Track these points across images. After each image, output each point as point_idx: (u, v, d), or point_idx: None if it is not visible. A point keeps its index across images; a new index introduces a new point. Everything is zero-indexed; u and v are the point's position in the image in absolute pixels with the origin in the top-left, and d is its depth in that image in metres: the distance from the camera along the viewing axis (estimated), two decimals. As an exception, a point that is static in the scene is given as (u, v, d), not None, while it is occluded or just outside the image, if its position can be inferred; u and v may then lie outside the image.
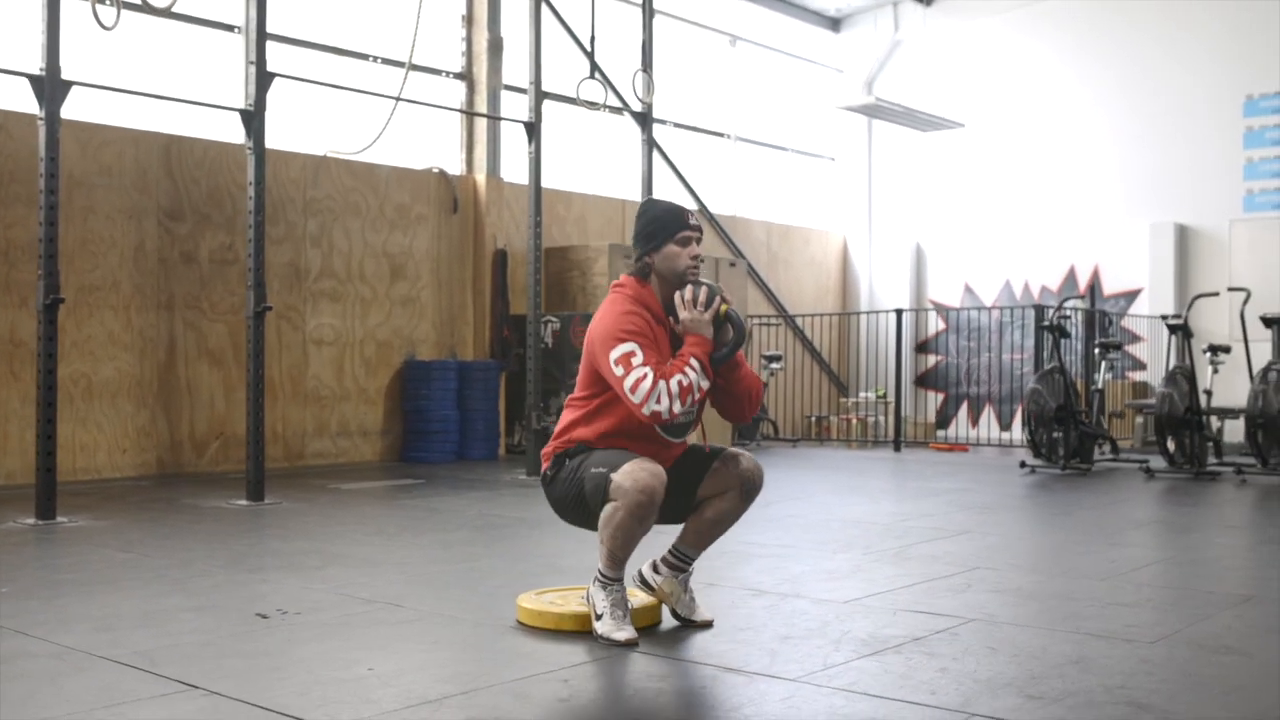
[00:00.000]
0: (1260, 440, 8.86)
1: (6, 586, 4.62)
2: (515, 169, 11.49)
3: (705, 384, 3.77)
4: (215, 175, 9.38)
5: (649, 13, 9.69)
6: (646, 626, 3.94)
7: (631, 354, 3.70)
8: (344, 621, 4.02)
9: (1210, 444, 9.53)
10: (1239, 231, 12.93)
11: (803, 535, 6.23)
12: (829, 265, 15.59)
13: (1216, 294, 9.95)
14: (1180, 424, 9.22)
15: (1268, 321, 9.16)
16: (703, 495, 3.98)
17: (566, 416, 3.96)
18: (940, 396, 14.93)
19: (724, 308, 3.84)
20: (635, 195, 13.05)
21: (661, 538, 4.06)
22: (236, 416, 9.43)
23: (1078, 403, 9.79)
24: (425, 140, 10.98)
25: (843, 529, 6.46)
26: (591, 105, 9.19)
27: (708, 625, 3.99)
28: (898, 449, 12.62)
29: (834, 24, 15.61)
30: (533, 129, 9.07)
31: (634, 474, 3.64)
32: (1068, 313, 10.15)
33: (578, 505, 3.83)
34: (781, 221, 14.96)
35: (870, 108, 12.74)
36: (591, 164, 12.56)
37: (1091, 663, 3.57)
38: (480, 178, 11.15)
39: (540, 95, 9.08)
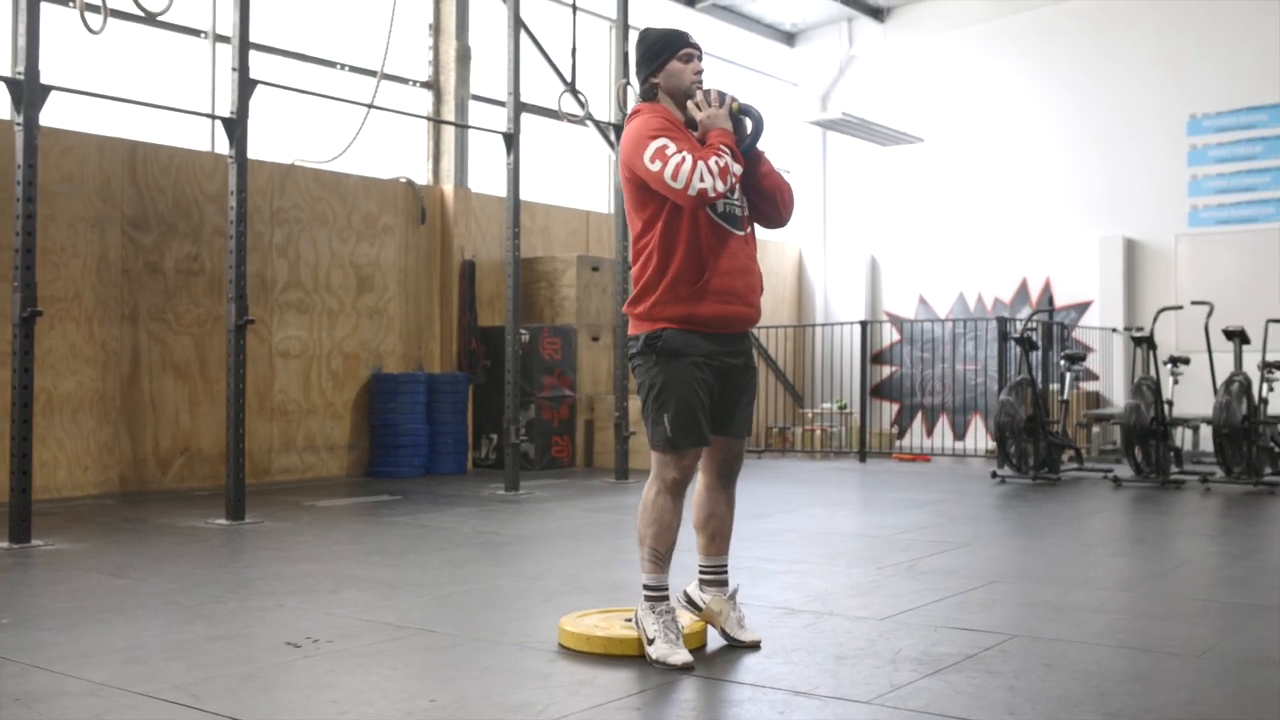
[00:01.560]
0: (1226, 450, 9.01)
1: (6, 618, 4.42)
2: (482, 179, 11.38)
3: (738, 168, 3.77)
4: (182, 184, 9.15)
5: (624, 25, 9.64)
6: (694, 649, 3.87)
7: (664, 146, 3.69)
8: (382, 650, 3.90)
9: (1172, 453, 9.67)
10: (1184, 246, 13.19)
11: (809, 550, 6.20)
12: (785, 277, 15.65)
13: (1180, 307, 10.13)
14: (1147, 434, 9.35)
15: (1229, 334, 9.33)
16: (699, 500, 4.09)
17: (640, 272, 3.87)
18: (895, 407, 15.04)
19: (736, 104, 3.89)
20: (601, 207, 13.02)
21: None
22: (202, 432, 9.21)
23: (1047, 414, 9.90)
24: (392, 150, 10.82)
25: (846, 543, 6.45)
26: (573, 118, 9.11)
27: (756, 646, 3.94)
28: (863, 460, 12.68)
29: (789, 39, 15.68)
30: (511, 140, 8.96)
31: (679, 466, 3.80)
32: (1035, 325, 10.23)
33: (646, 417, 3.86)
34: (738, 233, 14.95)
35: (835, 122, 12.81)
36: (555, 175, 12.48)
37: (1152, 679, 3.57)
38: (448, 188, 11.01)
39: (519, 106, 8.98)
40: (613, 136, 10.14)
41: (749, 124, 3.92)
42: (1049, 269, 13.97)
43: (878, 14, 14.98)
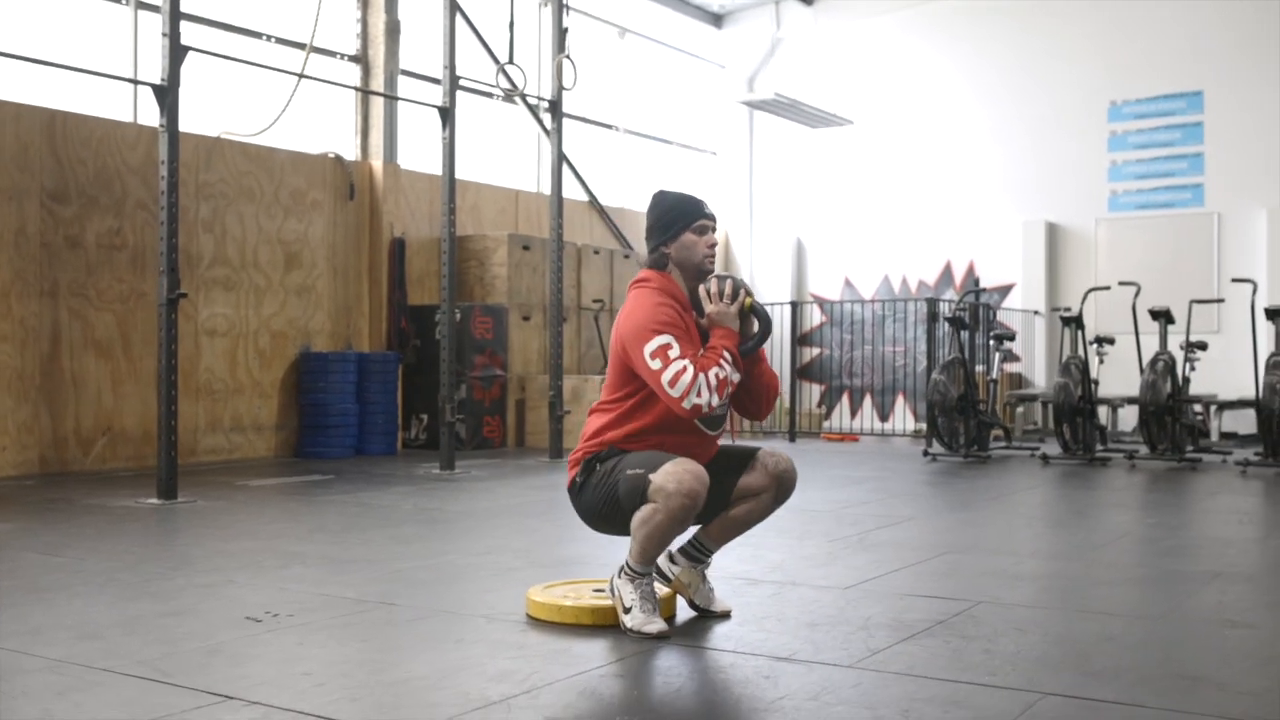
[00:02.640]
0: (1152, 427, 9.21)
1: (-57, 594, 4.25)
2: (411, 156, 11.21)
3: (737, 377, 3.68)
4: (103, 155, 8.86)
5: (560, 1, 9.54)
6: (664, 619, 3.83)
7: (668, 346, 3.59)
8: (347, 623, 3.81)
9: (1097, 431, 9.87)
10: (1104, 230, 13.46)
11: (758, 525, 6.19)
12: (710, 258, 15.64)
13: (1108, 288, 10.32)
14: (1075, 412, 9.52)
15: (1155, 314, 9.53)
16: (736, 494, 3.88)
17: (595, 422, 3.81)
18: (821, 388, 15.15)
19: (748, 301, 3.77)
20: (528, 185, 12.91)
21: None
22: (125, 411, 8.95)
23: (976, 393, 10.04)
24: (319, 125, 10.60)
25: (793, 518, 6.43)
26: (510, 93, 9.00)
27: (726, 615, 3.92)
28: (793, 439, 12.75)
29: (716, 20, 15.67)
30: (446, 114, 8.82)
31: (677, 476, 3.52)
32: (964, 305, 10.36)
33: (610, 509, 3.68)
34: (666, 214, 14.93)
35: (767, 103, 12.83)
36: (484, 153, 12.33)
37: (1123, 640, 3.62)
38: (377, 164, 10.82)
39: (454, 80, 8.84)
40: (545, 119, 10.04)
41: (755, 323, 3.78)
42: (973, 252, 14.17)
43: (804, -3, 15.05)
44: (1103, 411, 10.59)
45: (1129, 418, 12.26)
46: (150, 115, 9.10)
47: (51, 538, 5.66)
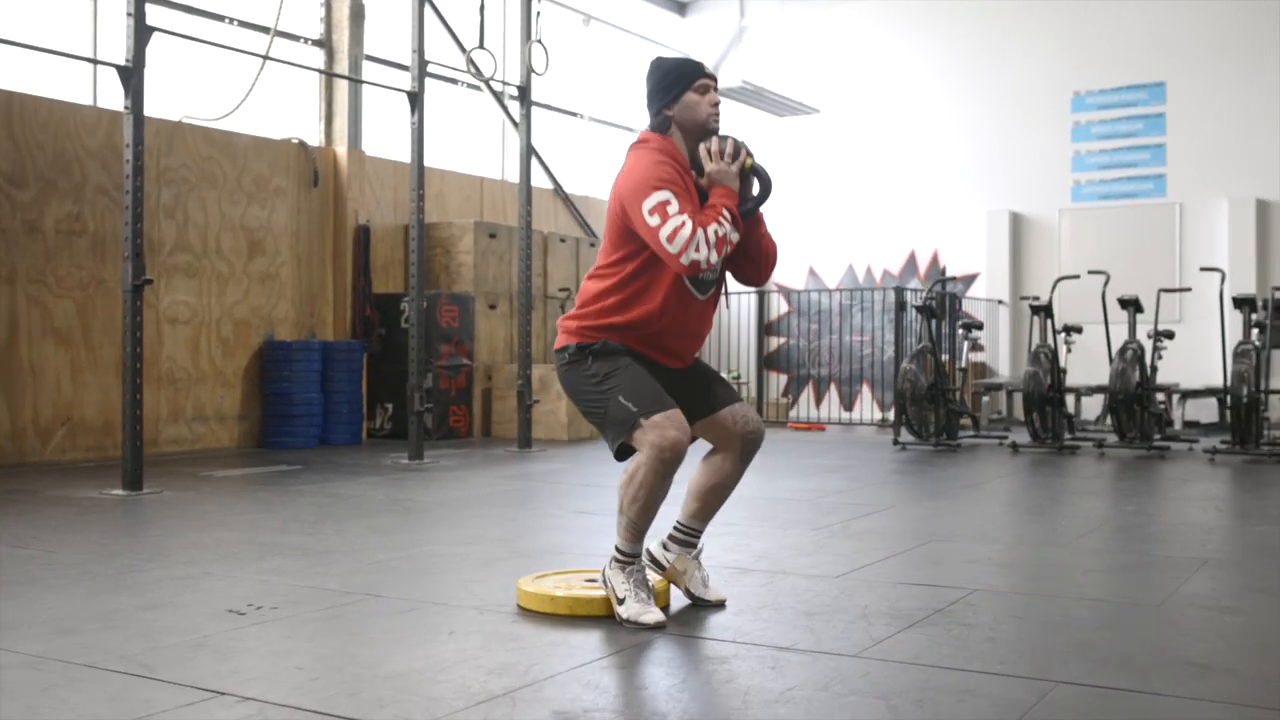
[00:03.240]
0: (1121, 415, 9.25)
1: (-92, 588, 4.10)
2: (376, 142, 11.05)
3: (736, 237, 3.62)
4: (62, 139, 8.65)
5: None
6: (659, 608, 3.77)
7: (667, 202, 3.52)
8: (334, 615, 3.71)
9: (1065, 419, 9.90)
10: (1067, 220, 13.52)
11: (738, 513, 6.11)
12: (674, 248, 15.58)
13: (1078, 276, 10.34)
14: (1045, 401, 9.55)
15: (1124, 303, 9.57)
16: (700, 433, 3.81)
17: (592, 288, 3.73)
18: (785, 378, 15.13)
19: (749, 161, 3.71)
20: (493, 173, 12.77)
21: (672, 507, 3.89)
22: (86, 400, 8.75)
23: (946, 381, 10.05)
24: (282, 110, 10.41)
25: (772, 506, 6.40)
26: (479, 78, 8.87)
27: (721, 605, 3.85)
28: (759, 429, 12.71)
29: (681, 8, 15.59)
30: (415, 99, 8.69)
31: (663, 429, 3.49)
32: (935, 295, 10.35)
33: (595, 417, 3.66)
34: (631, 203, 14.85)
35: (735, 91, 12.76)
36: (448, 140, 12.18)
37: (1123, 628, 3.60)
38: (341, 150, 10.65)
39: (423, 64, 8.71)
40: (512, 106, 9.92)
41: (755, 184, 3.73)
42: (937, 241, 14.18)
43: (769, -15, 14.99)
44: (1069, 400, 10.62)
45: (1093, 406, 12.33)
46: (111, 98, 8.90)
47: (18, 529, 5.50)
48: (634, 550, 3.66)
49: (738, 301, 14.50)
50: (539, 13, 9.29)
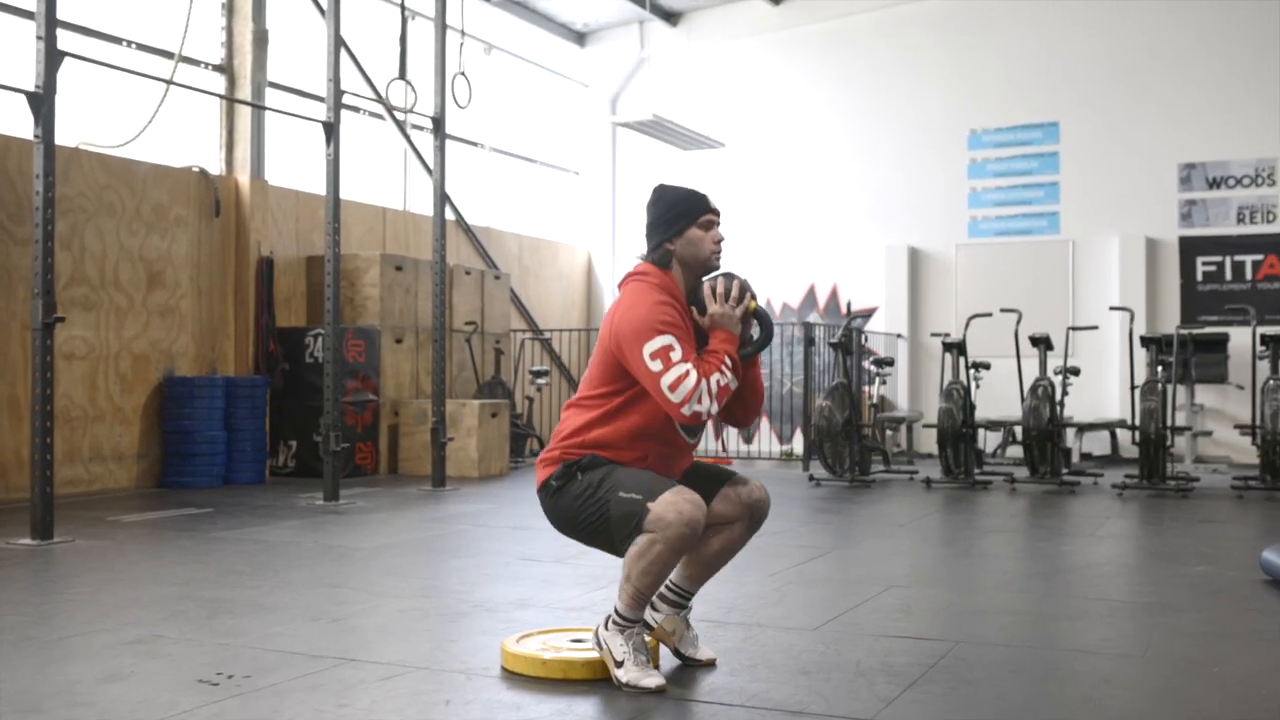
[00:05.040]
0: (1034, 450, 9.44)
1: None
2: (276, 172, 10.73)
3: (735, 385, 3.54)
4: (-48, 166, 8.19)
5: (443, 21, 9.27)
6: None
7: (670, 348, 3.42)
8: (314, 685, 3.51)
9: (975, 454, 10.07)
10: (964, 255, 13.82)
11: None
12: (574, 280, 15.51)
13: (990, 314, 10.54)
14: (958, 437, 9.70)
15: (1035, 340, 9.79)
16: (710, 519, 3.72)
17: (574, 419, 3.61)
18: (686, 410, 15.09)
19: (752, 304, 3.64)
20: (395, 203, 12.53)
21: (669, 573, 3.78)
22: (-24, 441, 8.27)
23: (860, 417, 10.14)
24: (181, 138, 10.03)
25: (717, 550, 6.32)
26: (392, 110, 8.68)
27: (712, 664, 3.77)
28: (667, 464, 12.65)
29: (580, 39, 15.55)
30: (331, 129, 8.46)
31: (677, 505, 3.36)
32: (849, 331, 10.45)
33: (597, 528, 3.49)
34: (532, 234, 14.75)
35: (644, 124, 12.72)
36: (348, 170, 11.88)
37: (1123, 682, 3.61)
38: (244, 179, 10.31)
39: (339, 93, 8.49)
40: (419, 138, 9.73)
41: (755, 326, 3.66)
42: (836, 275, 14.35)
43: (670, 17, 15.04)
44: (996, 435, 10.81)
45: (993, 440, 12.58)
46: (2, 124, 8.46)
47: (-76, 588, 5.13)
48: (635, 617, 3.55)
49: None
50: (462, 44, 9.13)
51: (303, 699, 3.35)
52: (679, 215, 3.65)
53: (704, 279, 3.65)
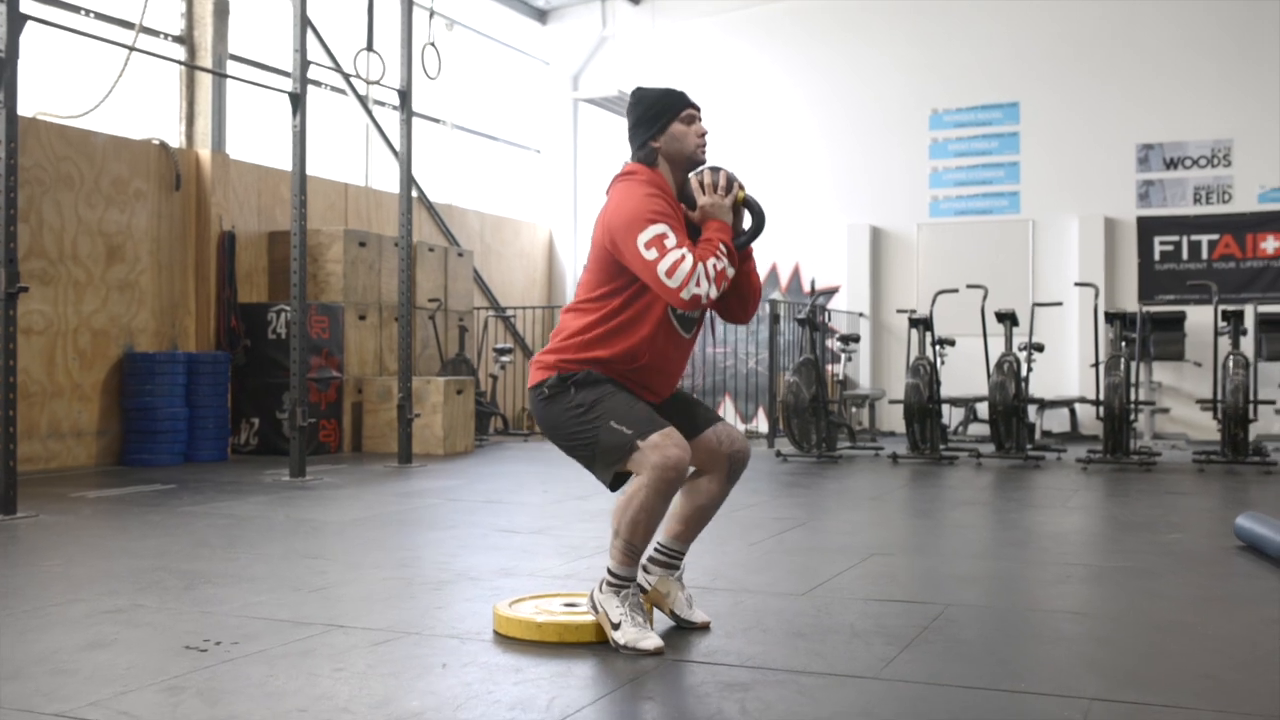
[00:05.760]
0: (1000, 426, 9.51)
1: None
2: (238, 145, 10.58)
3: (732, 271, 3.51)
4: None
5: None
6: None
7: (664, 236, 3.40)
8: (306, 650, 3.46)
9: (940, 430, 10.12)
10: (925, 234, 13.88)
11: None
12: (535, 258, 15.42)
13: (957, 290, 10.58)
14: (925, 413, 9.74)
15: (1001, 317, 9.85)
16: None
17: (573, 322, 3.59)
18: (648, 390, 15.08)
19: (742, 194, 3.61)
20: (359, 179, 12.39)
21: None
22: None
23: (827, 394, 10.16)
24: (141, 110, 9.85)
25: (694, 522, 6.30)
26: (367, 81, 8.57)
27: (706, 627, 3.75)
28: (632, 442, 12.63)
29: (542, 15, 15.43)
30: (298, 100, 8.33)
31: (663, 449, 3.37)
32: (816, 308, 10.46)
33: (583, 449, 3.52)
34: (494, 212, 14.64)
35: (608, 100, 12.66)
36: (310, 145, 11.72)
37: (1118, 643, 3.63)
38: (204, 153, 10.14)
39: (305, 64, 8.36)
40: (380, 113, 9.63)
41: (747, 217, 3.63)
42: (799, 254, 14.37)
43: (632, -4, 14.97)
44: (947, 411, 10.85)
45: (956, 415, 12.67)
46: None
47: (-112, 561, 5.01)
48: (628, 573, 3.53)
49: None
50: (432, 12, 9.01)
51: (295, 664, 3.30)
52: (660, 112, 3.63)
53: (690, 175, 3.64)
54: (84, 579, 4.63)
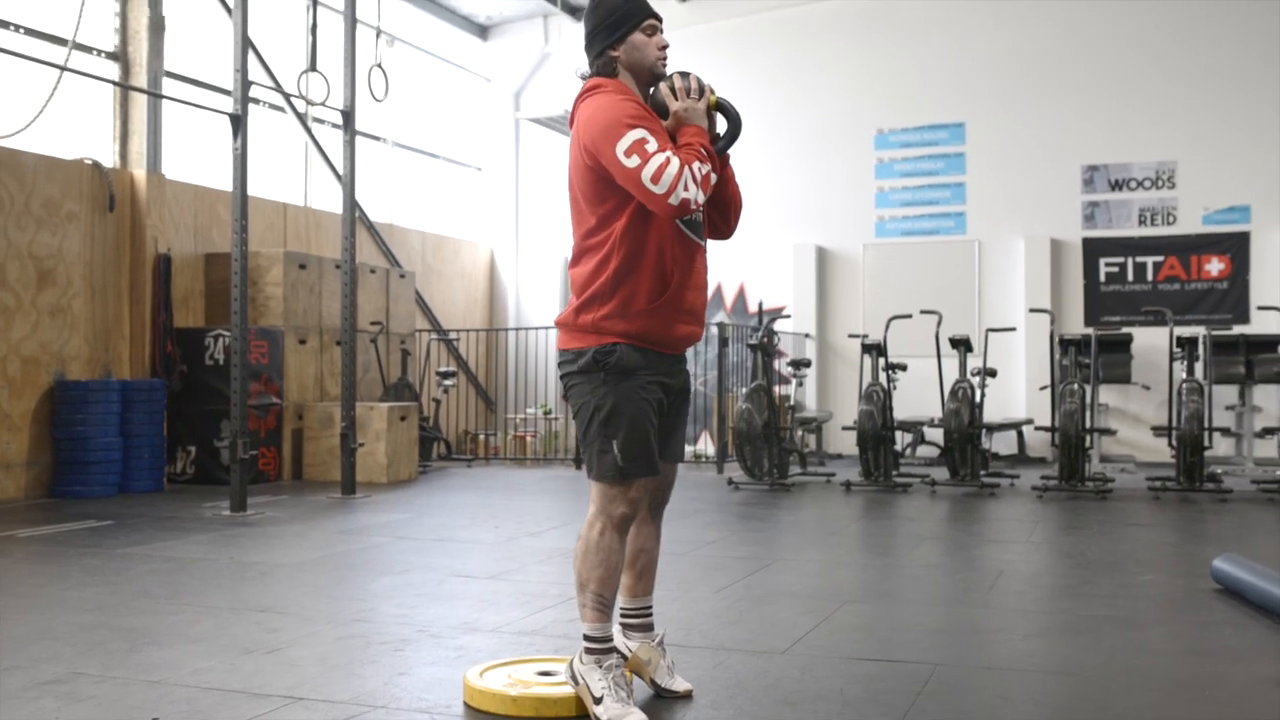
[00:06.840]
0: (955, 453, 9.43)
1: None
2: (176, 165, 10.24)
3: (715, 177, 3.34)
4: None
5: (376, 12, 8.91)
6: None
7: (644, 140, 3.21)
8: (266, 728, 3.22)
9: (893, 456, 10.04)
10: (871, 255, 13.84)
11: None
12: (476, 278, 15.17)
13: (910, 316, 10.51)
14: (878, 440, 9.65)
15: (955, 342, 9.79)
16: None
17: (584, 270, 3.38)
18: (592, 411, 14.88)
19: (714, 98, 3.44)
20: (296, 199, 12.08)
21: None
22: None
23: (779, 419, 10.04)
24: (72, 129, 9.49)
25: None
26: (310, 103, 8.31)
27: (689, 695, 3.58)
28: (579, 466, 12.43)
29: (483, 31, 15.20)
30: (239, 121, 8.05)
31: (635, 503, 3.38)
32: (768, 333, 10.33)
33: (585, 440, 3.41)
34: (435, 231, 14.38)
35: (554, 120, 12.45)
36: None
37: (1115, 707, 3.50)
38: (139, 172, 9.79)
39: (246, 84, 8.08)
40: (321, 132, 9.36)
41: (722, 121, 3.47)
42: (743, 275, 14.27)
43: (575, 11, 14.76)
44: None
45: (904, 439, 12.61)
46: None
47: None
48: (604, 632, 3.36)
49: (541, 335, 14.17)
50: (379, 32, 8.77)
51: (257, 748, 3.07)
52: (620, 20, 3.44)
53: (660, 82, 3.45)
54: (20, 639, 4.33)
